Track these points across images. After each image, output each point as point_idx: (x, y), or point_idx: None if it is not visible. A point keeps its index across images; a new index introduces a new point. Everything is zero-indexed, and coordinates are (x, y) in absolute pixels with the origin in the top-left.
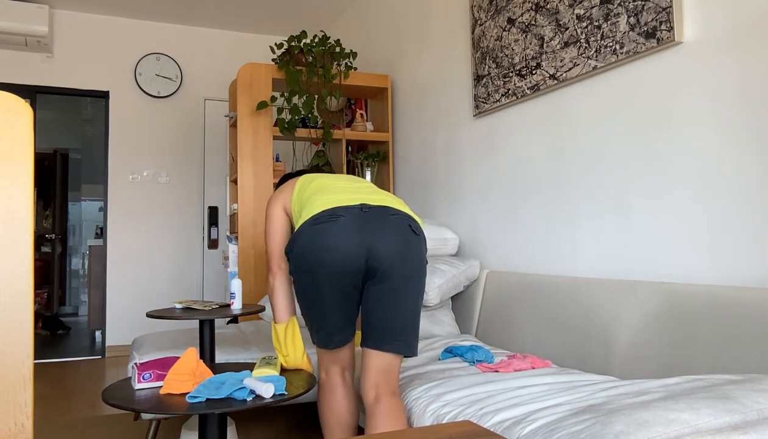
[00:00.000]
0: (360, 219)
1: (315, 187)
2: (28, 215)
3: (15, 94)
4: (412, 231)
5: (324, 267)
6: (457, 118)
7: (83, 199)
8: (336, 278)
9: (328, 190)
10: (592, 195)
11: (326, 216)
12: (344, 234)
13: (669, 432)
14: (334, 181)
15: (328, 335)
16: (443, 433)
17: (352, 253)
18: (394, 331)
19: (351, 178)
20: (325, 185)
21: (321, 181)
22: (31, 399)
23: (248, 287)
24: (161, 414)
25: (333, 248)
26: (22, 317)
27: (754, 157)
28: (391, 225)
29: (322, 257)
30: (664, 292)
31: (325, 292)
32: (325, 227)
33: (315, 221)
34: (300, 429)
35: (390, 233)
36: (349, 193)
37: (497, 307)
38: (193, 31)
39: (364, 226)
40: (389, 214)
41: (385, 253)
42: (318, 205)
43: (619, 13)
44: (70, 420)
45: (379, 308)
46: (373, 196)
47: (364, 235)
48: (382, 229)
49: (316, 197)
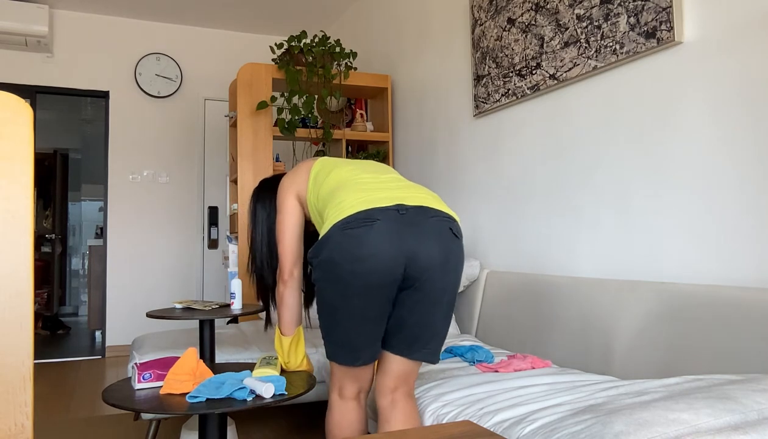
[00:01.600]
0: (398, 223)
1: (337, 181)
2: (28, 215)
3: (15, 94)
4: (454, 235)
5: (358, 278)
6: (457, 118)
7: (83, 199)
8: (371, 291)
9: (356, 186)
10: (592, 195)
11: (360, 220)
12: (381, 241)
13: (669, 432)
14: (359, 173)
15: (354, 351)
16: (443, 433)
17: (391, 262)
18: (424, 340)
19: (375, 167)
20: (349, 180)
21: (342, 173)
22: (31, 399)
23: (248, 287)
24: (161, 414)
25: (369, 258)
26: (22, 316)
27: (754, 157)
28: (433, 229)
29: (356, 268)
30: (664, 292)
31: (357, 305)
32: (360, 232)
33: (346, 224)
34: (300, 429)
35: (431, 239)
36: (381, 190)
37: (497, 307)
38: (193, 31)
39: (403, 230)
40: (429, 216)
41: (425, 262)
42: (347, 206)
43: (619, 13)
44: (70, 420)
45: (413, 317)
46: (408, 193)
47: (403, 241)
48: (423, 234)
49: (343, 194)
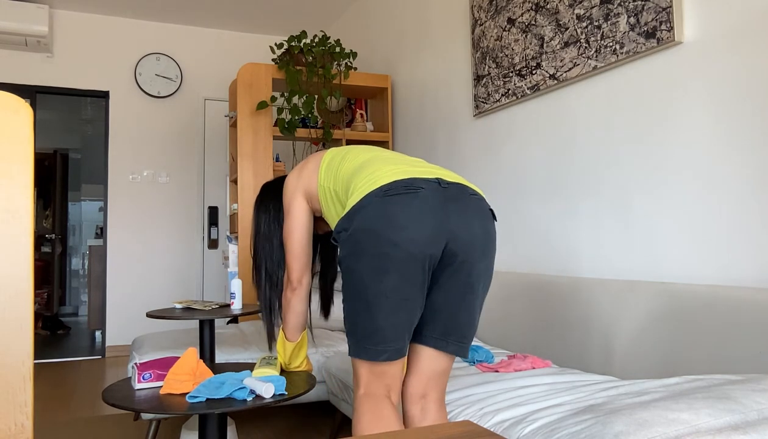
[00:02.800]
0: (442, 195)
1: (360, 161)
2: (28, 215)
3: (15, 94)
4: (493, 216)
5: (397, 250)
6: (457, 118)
7: (83, 199)
8: (409, 265)
9: (387, 161)
10: (592, 195)
11: (402, 187)
12: (428, 209)
13: (669, 432)
14: (381, 153)
15: (382, 342)
16: (443, 433)
17: (434, 236)
18: (461, 330)
19: (393, 152)
20: (374, 158)
21: (363, 155)
22: (31, 399)
23: (248, 287)
24: (161, 414)
25: (414, 225)
26: (22, 317)
27: (755, 157)
28: (474, 207)
29: (397, 237)
30: (664, 292)
31: (391, 283)
32: (403, 199)
33: (386, 191)
34: (300, 429)
35: (474, 217)
36: (414, 165)
37: (497, 307)
38: (193, 31)
39: (447, 204)
40: (468, 193)
41: (468, 239)
42: (383, 175)
43: (619, 13)
44: (70, 420)
45: (449, 302)
46: (443, 171)
47: (447, 216)
48: (467, 211)
49: (374, 167)
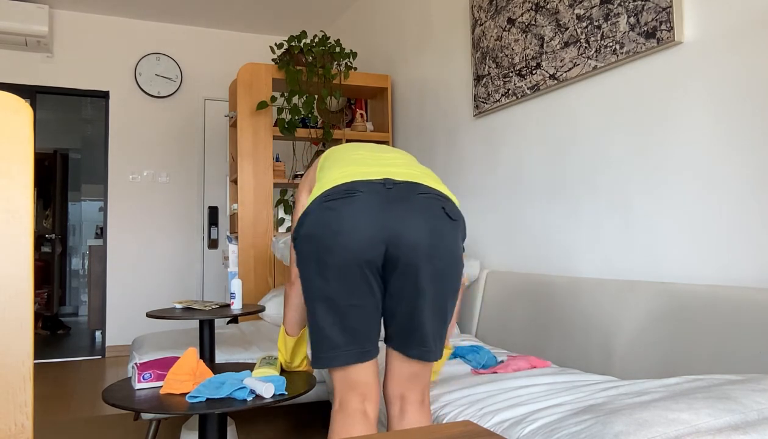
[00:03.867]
0: (382, 197)
1: (333, 159)
2: (28, 215)
3: (15, 94)
4: (447, 215)
5: (334, 256)
6: (457, 118)
7: (83, 199)
8: (348, 271)
9: (345, 161)
10: (592, 195)
11: (340, 192)
12: (362, 214)
13: (669, 432)
14: (356, 149)
15: (330, 349)
16: (443, 433)
17: (370, 239)
18: (418, 335)
19: (379, 146)
20: (343, 157)
21: (341, 153)
22: (31, 399)
23: (248, 287)
24: (161, 414)
25: (348, 231)
26: (22, 317)
27: (755, 157)
28: (420, 206)
29: (332, 242)
30: (664, 292)
31: (332, 288)
32: (338, 204)
33: (326, 197)
34: (300, 429)
35: (417, 217)
36: (370, 165)
37: (497, 307)
38: (193, 31)
39: (387, 206)
40: (418, 192)
41: (410, 242)
42: (331, 179)
43: (619, 13)
44: (70, 420)
45: (401, 307)
46: (400, 170)
47: (386, 218)
48: (409, 211)
49: (331, 171)
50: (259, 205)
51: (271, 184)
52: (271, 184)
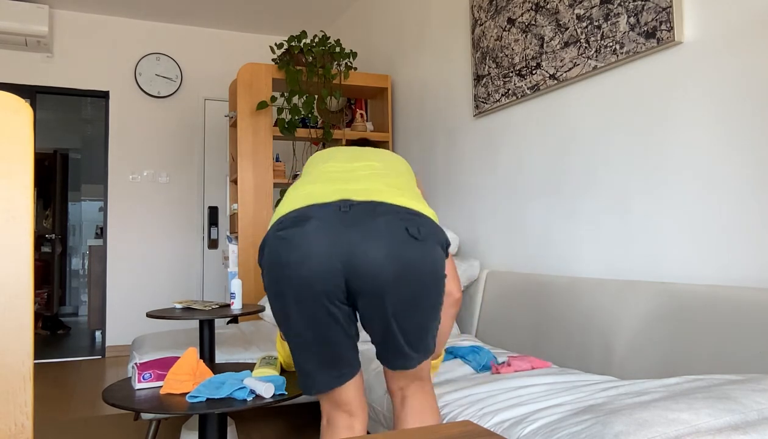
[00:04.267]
0: (335, 222)
1: (306, 171)
2: (28, 216)
3: (15, 94)
4: (411, 236)
5: (289, 288)
6: (457, 118)
7: (83, 199)
8: (304, 303)
9: (307, 178)
10: (592, 195)
11: (292, 219)
12: (313, 242)
13: (669, 432)
14: (331, 157)
15: (307, 377)
16: (443, 433)
17: (323, 270)
18: (398, 353)
19: (357, 153)
20: (314, 169)
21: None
22: (31, 399)
23: (248, 287)
24: (161, 414)
25: (298, 264)
26: (22, 317)
27: (754, 157)
28: (379, 231)
29: (287, 274)
30: (664, 292)
31: (294, 321)
32: (290, 234)
33: (279, 225)
34: (300, 429)
35: (375, 243)
36: (332, 182)
37: (497, 307)
38: (193, 31)
39: (341, 232)
40: (377, 214)
41: (369, 271)
42: (287, 203)
43: (619, 13)
44: (70, 420)
45: (375, 328)
46: (363, 185)
47: (340, 244)
48: (365, 237)
49: (296, 189)
50: (259, 205)
51: (271, 184)
52: (271, 184)
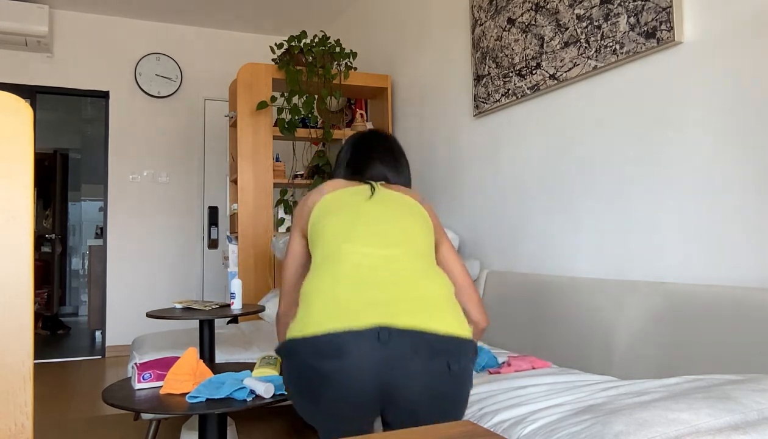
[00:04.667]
0: (375, 356)
1: (324, 253)
2: (28, 216)
3: (15, 94)
4: (450, 371)
5: (322, 413)
6: (457, 118)
7: (83, 199)
8: (335, 419)
9: (334, 275)
10: (592, 195)
11: (326, 347)
12: (350, 381)
13: (669, 432)
14: (350, 233)
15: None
16: (443, 433)
17: (360, 401)
18: None
19: (379, 232)
20: (333, 254)
21: (334, 235)
22: (31, 399)
23: (248, 287)
24: (161, 414)
25: (333, 398)
26: (22, 317)
27: (754, 157)
28: (420, 371)
29: (318, 398)
30: (664, 292)
31: (319, 421)
32: (325, 368)
33: (313, 350)
34: (300, 429)
35: (416, 381)
36: (364, 287)
37: (497, 307)
38: (193, 31)
39: (381, 369)
40: (420, 349)
41: (405, 404)
42: (315, 318)
43: (619, 13)
44: (70, 420)
45: (397, 425)
46: (399, 297)
47: (379, 381)
48: (405, 375)
49: (314, 296)
50: (259, 205)
51: (271, 184)
52: (271, 184)
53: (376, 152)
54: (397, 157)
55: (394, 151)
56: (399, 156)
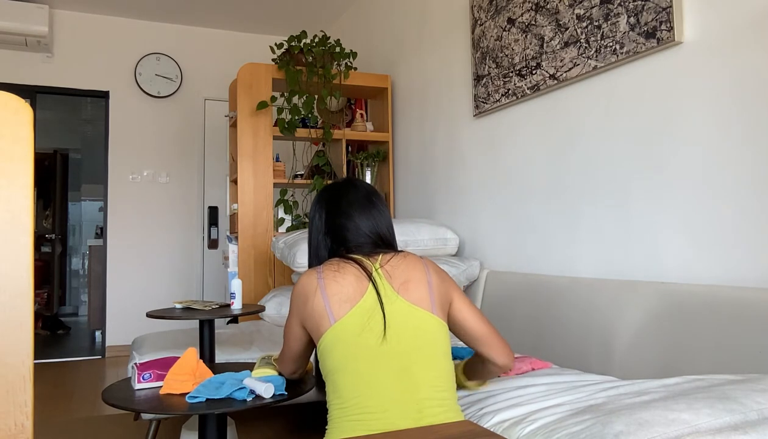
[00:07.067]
0: None
1: (345, 386)
2: (28, 216)
3: (15, 94)
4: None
5: None
6: (457, 118)
7: (83, 199)
8: None
9: (364, 383)
10: (592, 195)
11: None
12: None
13: (669, 432)
14: (370, 384)
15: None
16: (443, 433)
17: None
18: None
19: (399, 377)
20: (360, 405)
21: (352, 381)
22: (31, 399)
23: (248, 287)
24: (161, 414)
25: None
26: (22, 317)
27: (754, 157)
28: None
29: None
30: (664, 292)
31: None
32: None
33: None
34: (300, 429)
35: None
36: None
37: (497, 307)
38: (193, 31)
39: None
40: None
41: None
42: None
43: (619, 13)
44: (70, 420)
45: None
46: None
47: None
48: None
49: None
50: (259, 205)
51: (271, 184)
52: (271, 184)
53: (352, 207)
54: (370, 199)
55: (361, 195)
56: (370, 196)
